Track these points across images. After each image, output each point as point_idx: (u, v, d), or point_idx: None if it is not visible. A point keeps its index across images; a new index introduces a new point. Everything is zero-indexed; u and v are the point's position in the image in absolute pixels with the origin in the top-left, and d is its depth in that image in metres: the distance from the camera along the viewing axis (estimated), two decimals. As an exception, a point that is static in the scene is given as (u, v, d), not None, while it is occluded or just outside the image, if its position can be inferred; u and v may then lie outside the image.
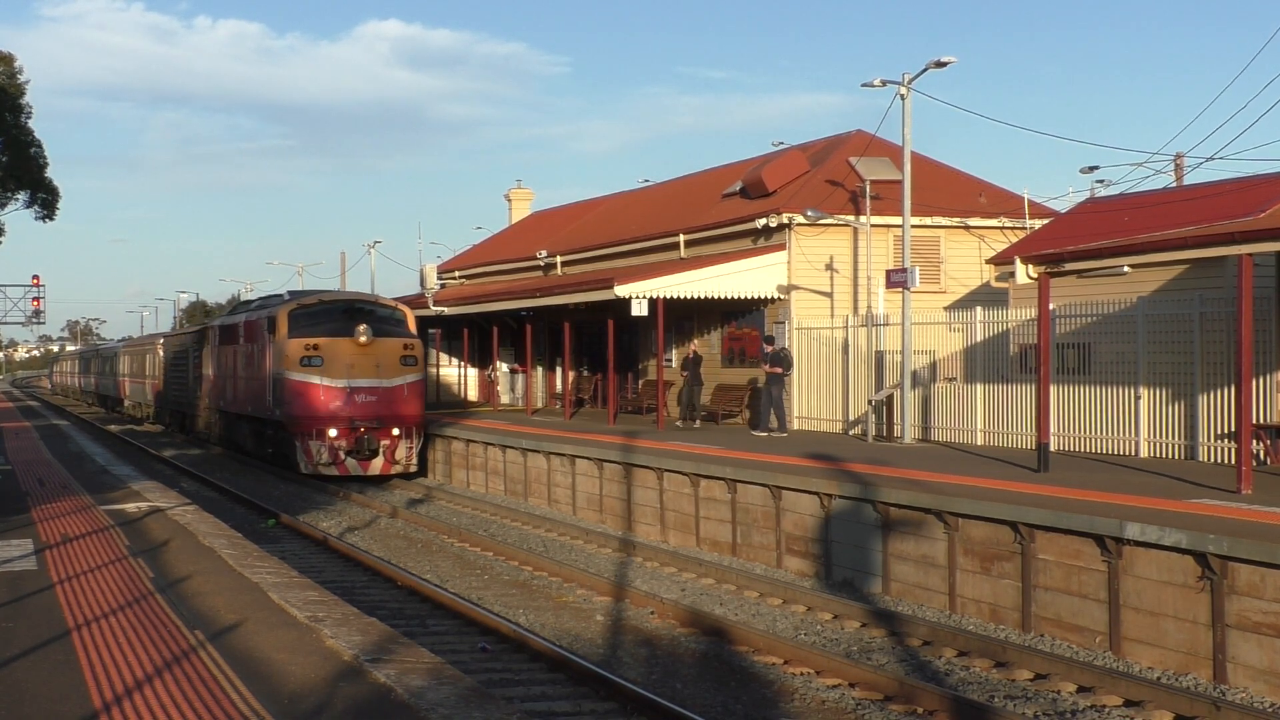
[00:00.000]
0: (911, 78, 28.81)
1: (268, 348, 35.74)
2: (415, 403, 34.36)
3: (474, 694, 9.43)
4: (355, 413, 33.46)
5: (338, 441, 33.33)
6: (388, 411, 33.67)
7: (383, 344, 33.90)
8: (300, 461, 33.59)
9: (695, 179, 46.73)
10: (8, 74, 40.81)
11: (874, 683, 13.02)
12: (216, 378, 44.05)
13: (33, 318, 63.05)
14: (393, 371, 33.89)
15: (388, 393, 33.75)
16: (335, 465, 33.33)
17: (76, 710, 9.06)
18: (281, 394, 34.35)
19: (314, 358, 33.47)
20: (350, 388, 33.48)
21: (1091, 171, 49.42)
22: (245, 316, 40.35)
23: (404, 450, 34.10)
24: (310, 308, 35.31)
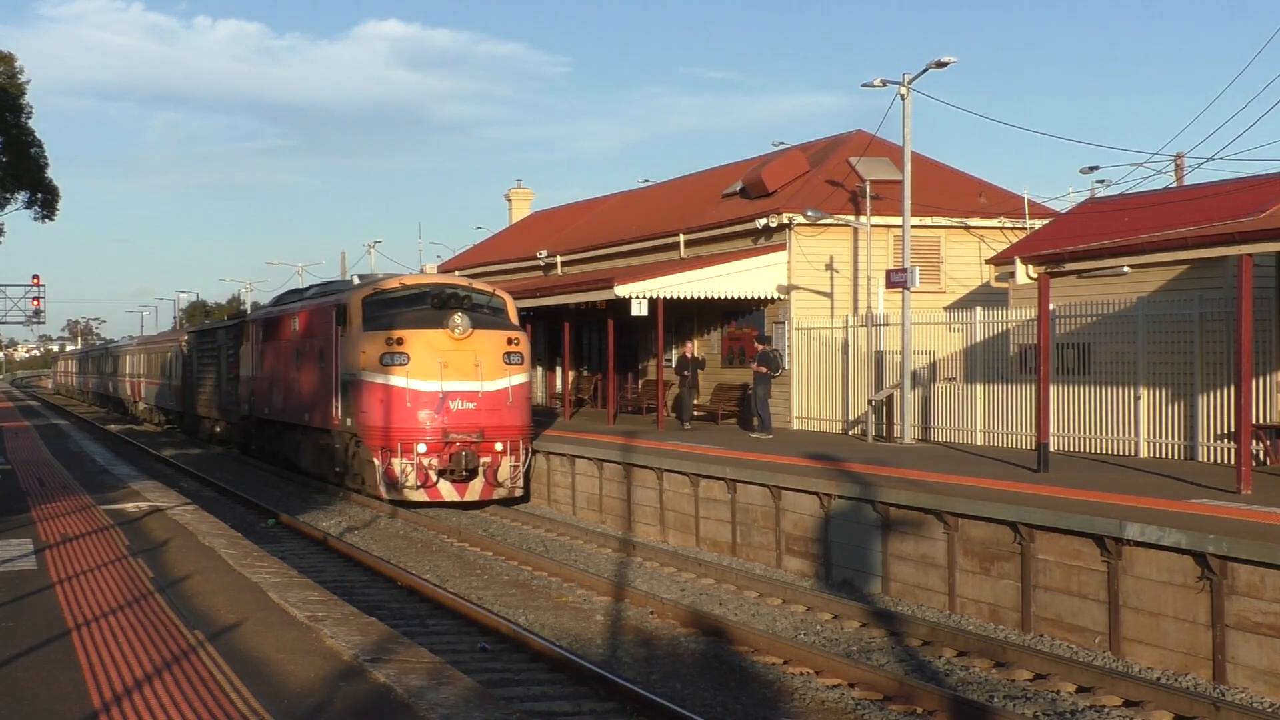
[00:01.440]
0: (911, 78, 28.81)
1: (334, 343, 29.39)
2: (521, 410, 27.89)
3: (474, 694, 9.43)
4: (450, 423, 26.91)
5: (428, 459, 26.84)
6: (489, 421, 27.15)
7: (482, 337, 27.35)
8: (379, 484, 27.09)
9: (695, 179, 46.72)
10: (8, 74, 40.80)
11: (874, 683, 13.01)
12: (257, 380, 37.51)
13: (33, 317, 63.12)
14: (494, 371, 27.30)
15: (489, 398, 27.18)
16: (424, 489, 26.81)
17: (76, 710, 9.06)
18: (354, 400, 28.07)
19: (398, 355, 26.92)
20: (443, 392, 26.89)
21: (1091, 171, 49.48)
22: (300, 306, 33.60)
23: (508, 469, 27.39)
24: (390, 294, 28.74)
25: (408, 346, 26.93)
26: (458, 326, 26.90)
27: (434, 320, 27.26)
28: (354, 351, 28.04)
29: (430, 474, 26.85)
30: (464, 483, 27.02)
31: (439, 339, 26.99)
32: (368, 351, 27.43)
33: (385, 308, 28.30)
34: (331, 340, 29.50)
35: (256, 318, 38.68)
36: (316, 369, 30.79)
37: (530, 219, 61.74)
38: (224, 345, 44.41)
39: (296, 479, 34.48)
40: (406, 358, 26.90)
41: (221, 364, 44.64)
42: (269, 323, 36.43)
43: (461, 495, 27.03)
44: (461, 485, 27.06)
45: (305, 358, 31.98)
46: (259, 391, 37.34)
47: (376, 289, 28.92)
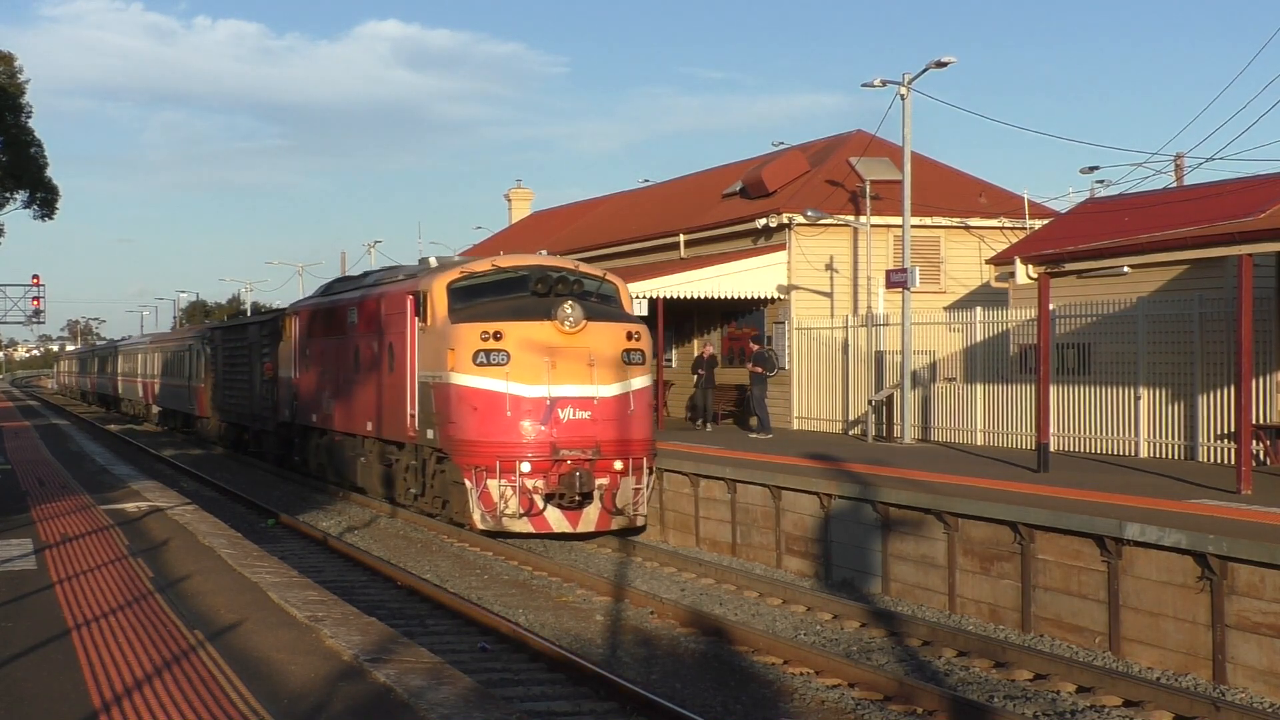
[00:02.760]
0: (911, 78, 28.81)
1: (408, 338, 24.27)
2: (644, 421, 22.84)
3: (474, 694, 9.42)
4: (560, 436, 21.84)
5: (532, 480, 21.72)
6: (606, 434, 22.09)
7: (597, 331, 22.38)
8: (473, 510, 21.94)
9: (695, 179, 46.73)
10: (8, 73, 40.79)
11: (874, 683, 13.01)
12: (301, 382, 32.35)
13: (32, 317, 63.14)
14: (612, 373, 22.31)
15: (606, 406, 22.16)
16: (529, 516, 21.71)
17: (76, 710, 9.06)
18: (437, 407, 23.01)
19: (496, 352, 21.98)
20: (551, 398, 21.86)
21: (1091, 171, 49.48)
22: (360, 295, 28.39)
23: (628, 493, 22.18)
24: (481, 278, 23.62)
25: (507, 342, 21.98)
26: (568, 318, 21.99)
27: (538, 310, 22.31)
28: (437, 348, 22.94)
29: (536, 499, 21.70)
30: (576, 510, 21.88)
31: (545, 333, 22.05)
32: (457, 348, 22.28)
33: (476, 295, 23.26)
34: (405, 335, 24.34)
35: (301, 309, 33.29)
36: (383, 369, 25.78)
37: (530, 219, 61.76)
38: (256, 343, 39.12)
39: (295, 479, 34.43)
40: (506, 356, 21.92)
41: (254, 364, 39.37)
42: (318, 315, 31.33)
43: (574, 526, 21.87)
44: (574, 513, 21.86)
45: (367, 356, 26.93)
46: (304, 395, 32.23)
47: (465, 272, 23.58)
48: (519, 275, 23.48)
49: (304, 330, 32.29)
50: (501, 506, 21.66)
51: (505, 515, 21.64)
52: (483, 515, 21.84)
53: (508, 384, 21.90)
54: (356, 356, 27.62)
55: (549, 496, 21.75)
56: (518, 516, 21.65)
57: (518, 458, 21.65)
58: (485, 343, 22.05)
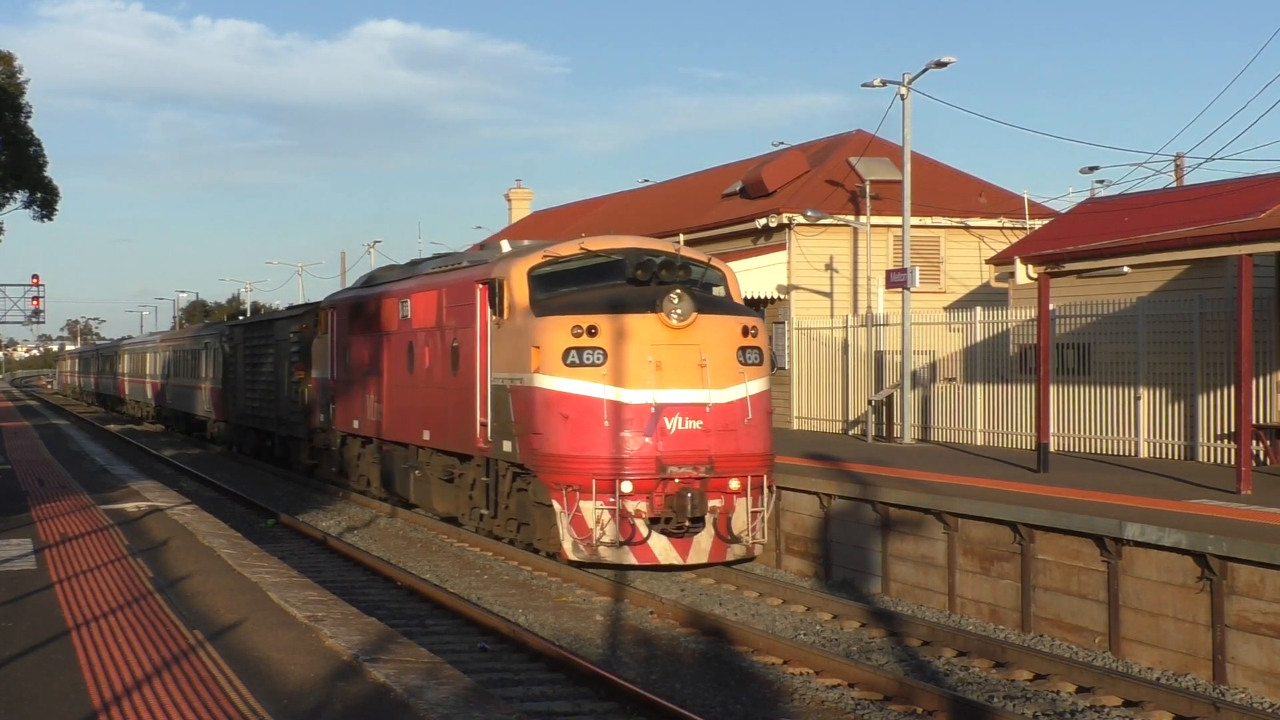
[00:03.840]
0: (911, 78, 28.82)
1: (478, 333, 21.11)
2: (762, 431, 19.37)
3: (473, 693, 9.42)
4: (667, 450, 18.57)
5: (634, 502, 18.54)
6: (721, 447, 18.80)
7: (709, 326, 19.08)
8: (563, 537, 18.68)
9: (695, 179, 46.75)
10: (7, 73, 40.75)
11: (873, 683, 13.01)
12: (341, 384, 29.10)
13: (32, 317, 63.09)
14: (727, 374, 19.00)
15: (721, 414, 18.90)
16: (630, 546, 18.53)
17: (76, 710, 9.06)
18: (517, 414, 19.65)
19: (590, 350, 18.75)
20: (656, 405, 18.64)
21: (1091, 171, 49.47)
22: (415, 284, 24.94)
23: (744, 517, 19.02)
24: (568, 263, 20.33)
25: (603, 338, 18.70)
26: (675, 310, 18.71)
27: (639, 301, 19.01)
28: (517, 346, 19.66)
29: (638, 525, 18.48)
30: (686, 537, 18.73)
31: (649, 328, 18.74)
32: (543, 346, 18.99)
33: (562, 283, 20.05)
34: (474, 330, 21.23)
35: (339, 302, 29.96)
36: (444, 370, 22.67)
37: (530, 219, 61.75)
38: (284, 340, 35.59)
39: (295, 478, 34.42)
40: (602, 355, 18.67)
41: (280, 363, 35.91)
42: (361, 309, 27.95)
43: (683, 556, 18.75)
44: (683, 541, 18.72)
45: (424, 354, 23.80)
46: (343, 399, 28.96)
47: (548, 256, 20.32)
48: (613, 260, 20.18)
49: (344, 326, 29.04)
50: (597, 533, 18.36)
51: (601, 544, 18.33)
52: (575, 544, 18.43)
53: (605, 388, 18.54)
54: (410, 355, 24.40)
55: (653, 521, 18.52)
56: (616, 545, 18.27)
57: (617, 475, 18.32)
58: (577, 339, 18.72)
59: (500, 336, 20.36)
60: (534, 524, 19.80)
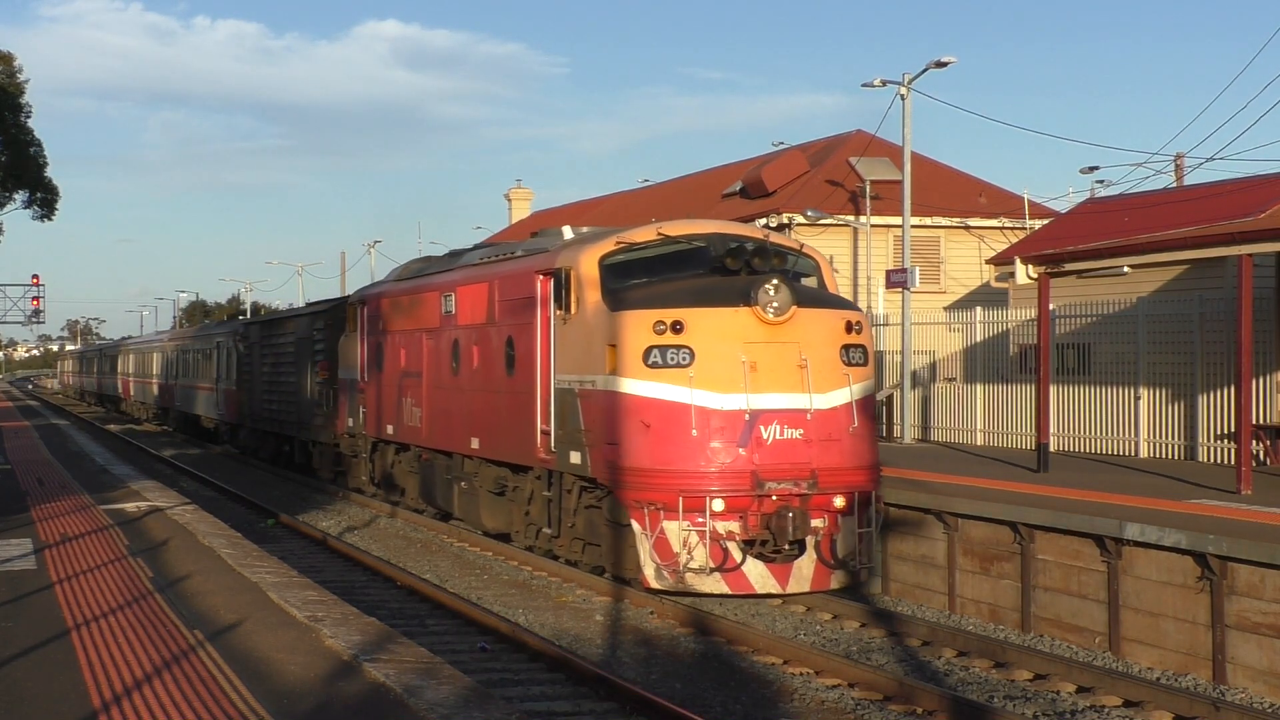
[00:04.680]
0: (911, 78, 28.83)
1: (539, 329, 18.88)
2: (869, 441, 17.17)
3: (473, 693, 9.42)
4: (764, 463, 16.22)
5: (726, 522, 16.17)
6: (824, 459, 16.47)
7: (810, 321, 16.74)
8: (644, 562, 16.37)
9: (695, 179, 46.77)
10: (7, 73, 40.79)
11: (873, 683, 13.01)
12: (376, 386, 26.68)
13: (32, 317, 63.14)
14: (829, 377, 16.68)
15: (823, 421, 16.56)
16: (722, 572, 16.15)
17: (76, 710, 9.06)
18: (588, 422, 17.44)
19: (675, 349, 16.42)
20: (751, 411, 16.25)
21: (1091, 171, 49.49)
22: (462, 276, 22.51)
23: (848, 540, 16.64)
24: (644, 249, 18.13)
25: (691, 335, 16.40)
26: (772, 303, 16.39)
27: (729, 292, 16.72)
28: (588, 344, 17.46)
29: (731, 549, 16.14)
30: (785, 563, 16.37)
31: (741, 323, 16.45)
32: (620, 344, 16.73)
33: (638, 273, 17.83)
34: (534, 326, 18.98)
35: (371, 296, 27.58)
36: (497, 370, 20.39)
37: (530, 219, 61.76)
38: (307, 338, 33.30)
39: (295, 478, 34.38)
40: (689, 354, 16.36)
41: (302, 363, 33.44)
42: (397, 304, 25.73)
43: (783, 584, 16.41)
44: (782, 567, 16.36)
45: (472, 353, 21.50)
46: (376, 402, 26.65)
47: (622, 243, 18.03)
48: (694, 246, 18.05)
49: (376, 322, 26.76)
50: (684, 558, 16.01)
51: (689, 570, 16.03)
52: (658, 570, 16.16)
53: (692, 391, 16.23)
54: (455, 354, 22.14)
55: (748, 544, 16.21)
56: (706, 572, 16.00)
57: (707, 492, 16.04)
58: (660, 336, 16.41)
59: (567, 333, 18.00)
60: (607, 546, 17.36)
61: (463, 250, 25.56)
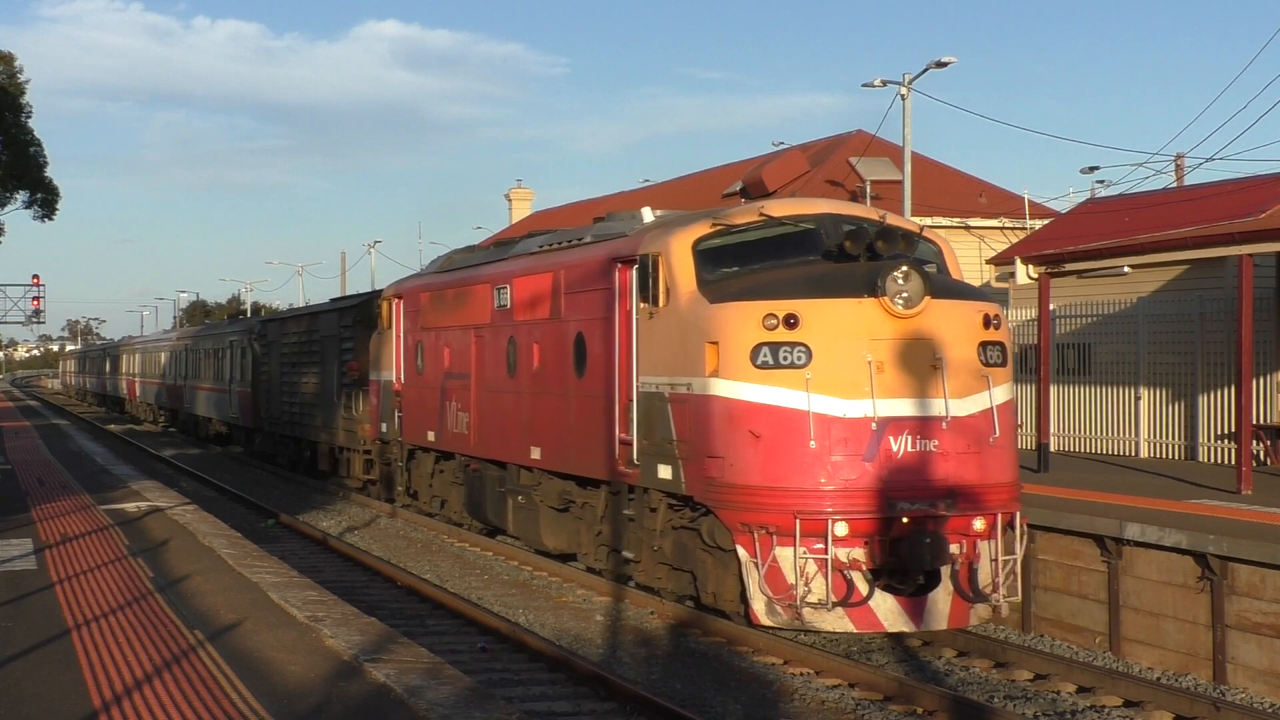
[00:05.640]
0: (912, 78, 28.85)
1: (619, 325, 16.59)
2: (1010, 454, 14.79)
3: (473, 693, 9.43)
4: (893, 480, 14.00)
5: (849, 549, 13.98)
6: (963, 474, 14.22)
7: (943, 314, 14.47)
8: (754, 595, 14.12)
9: (695, 179, 46.79)
10: (8, 73, 40.81)
11: (874, 683, 13.01)
12: (415, 388, 24.57)
13: (32, 317, 63.17)
14: (967, 378, 14.42)
15: (960, 431, 14.28)
16: (845, 607, 13.94)
17: (76, 709, 9.07)
18: (682, 432, 15.11)
19: (789, 347, 14.16)
20: (878, 420, 13.98)
21: (1091, 171, 49.55)
22: (520, 266, 20.25)
23: (988, 569, 14.39)
24: (744, 231, 15.79)
25: (807, 330, 14.14)
26: (902, 292, 14.16)
27: (852, 281, 14.43)
28: (682, 341, 15.16)
29: (856, 580, 13.97)
30: (918, 596, 14.23)
31: (867, 317, 14.17)
32: (724, 340, 14.49)
33: (740, 259, 15.58)
34: (610, 320, 16.80)
35: (409, 290, 25.40)
36: (564, 371, 18.18)
37: (530, 219, 61.79)
38: (332, 336, 31.30)
39: (295, 478, 34.32)
40: (806, 353, 14.10)
41: (329, 364, 31.33)
42: (440, 297, 23.51)
43: (916, 622, 14.19)
44: (914, 601, 14.17)
45: (533, 352, 19.26)
46: (415, 405, 24.51)
47: (718, 225, 15.71)
48: (802, 229, 15.73)
49: (415, 318, 24.54)
50: (801, 591, 13.82)
51: (807, 604, 13.86)
52: (769, 604, 13.98)
53: (810, 396, 13.96)
54: (511, 353, 20.01)
55: (874, 574, 14.06)
56: (827, 607, 13.81)
57: (828, 513, 13.77)
58: (772, 332, 14.16)
59: (653, 329, 15.70)
60: (704, 574, 15.12)
61: (512, 239, 23.35)
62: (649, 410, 15.74)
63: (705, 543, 14.98)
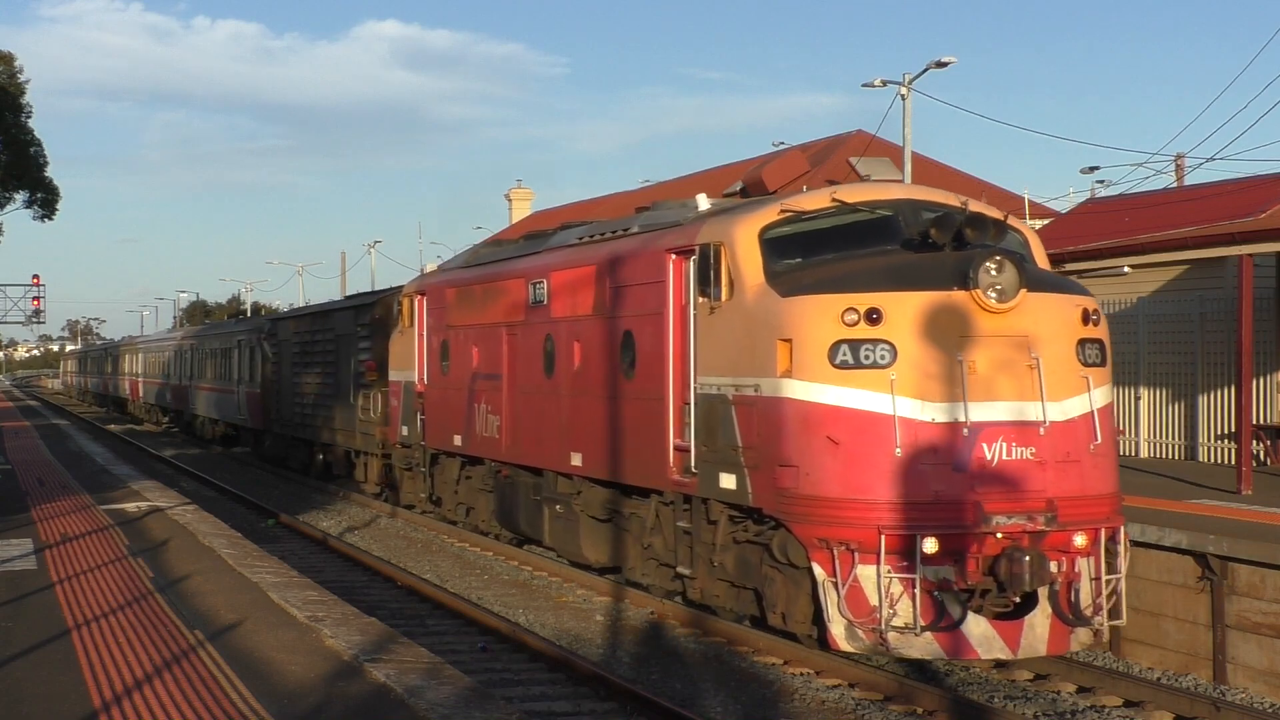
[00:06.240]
0: (912, 78, 28.86)
1: (672, 320, 15.48)
2: (1112, 461, 13.75)
3: (473, 693, 9.44)
4: (986, 491, 12.84)
5: (940, 568, 12.77)
6: (1063, 485, 13.07)
7: (1040, 309, 13.36)
8: (832, 618, 12.86)
9: (695, 179, 46.79)
10: (8, 73, 40.81)
11: (874, 683, 13.01)
12: (440, 389, 23.28)
13: (32, 317, 63.15)
14: (1066, 379, 13.29)
15: (1060, 437, 13.17)
16: (934, 631, 12.72)
17: (76, 709, 9.07)
18: (749, 438, 13.89)
19: (871, 345, 13.04)
20: (970, 425, 12.88)
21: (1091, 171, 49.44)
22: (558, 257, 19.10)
23: (1089, 588, 13.27)
24: (815, 218, 14.60)
25: (891, 326, 12.98)
26: (996, 284, 13.05)
27: (940, 272, 13.25)
28: (749, 337, 13.95)
29: (947, 602, 12.70)
30: (1014, 618, 12.99)
31: (958, 311, 13.05)
32: (798, 337, 13.25)
33: (811, 249, 14.37)
34: (664, 316, 15.59)
35: (433, 286, 24.12)
36: (610, 371, 17.00)
37: (530, 219, 61.82)
38: (349, 334, 30.13)
39: (295, 478, 34.31)
40: (890, 351, 12.95)
41: (344, 364, 30.21)
42: (469, 292, 22.15)
43: (1013, 648, 12.89)
44: (1011, 625, 12.92)
45: (572, 350, 18.06)
46: (440, 407, 23.27)
47: (788, 211, 14.55)
48: (878, 215, 14.56)
49: (441, 315, 23.26)
50: (885, 613, 12.57)
51: (892, 629, 12.61)
52: (849, 628, 12.75)
53: (895, 399, 12.79)
54: (548, 352, 18.77)
55: (967, 593, 12.79)
56: (915, 631, 12.56)
57: (916, 527, 12.58)
58: (852, 328, 12.99)
59: (716, 326, 14.49)
60: (773, 593, 13.89)
61: (544, 231, 21.93)
62: (709, 414, 14.53)
63: (775, 559, 13.72)
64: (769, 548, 13.82)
